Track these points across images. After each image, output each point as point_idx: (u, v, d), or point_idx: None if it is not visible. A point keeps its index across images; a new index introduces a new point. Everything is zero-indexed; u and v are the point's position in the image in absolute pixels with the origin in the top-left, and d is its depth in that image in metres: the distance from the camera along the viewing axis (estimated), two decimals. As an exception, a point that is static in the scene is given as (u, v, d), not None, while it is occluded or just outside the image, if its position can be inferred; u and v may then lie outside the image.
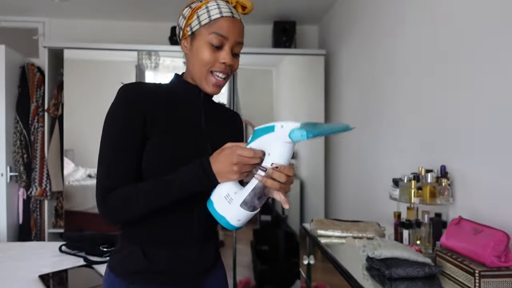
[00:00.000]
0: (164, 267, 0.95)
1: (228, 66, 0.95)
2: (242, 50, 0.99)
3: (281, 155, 0.85)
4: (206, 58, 0.93)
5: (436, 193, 1.41)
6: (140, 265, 0.94)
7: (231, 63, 0.95)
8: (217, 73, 0.95)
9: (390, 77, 2.05)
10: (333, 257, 1.37)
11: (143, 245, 0.95)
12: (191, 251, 0.98)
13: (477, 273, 1.01)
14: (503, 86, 1.23)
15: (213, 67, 0.94)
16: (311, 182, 3.09)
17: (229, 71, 0.96)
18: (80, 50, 2.95)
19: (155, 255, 0.94)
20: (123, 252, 0.97)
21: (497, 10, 1.26)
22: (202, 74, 0.95)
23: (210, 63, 0.93)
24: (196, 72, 0.96)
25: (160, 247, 0.95)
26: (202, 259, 1.00)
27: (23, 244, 2.33)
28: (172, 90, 1.00)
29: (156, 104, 0.94)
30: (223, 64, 0.94)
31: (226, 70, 0.95)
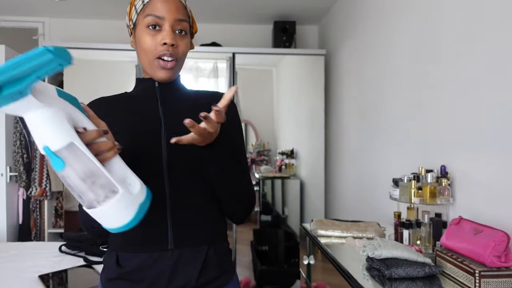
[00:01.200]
0: (137, 275, 0.86)
1: (171, 46, 0.87)
2: (242, 50, 0.98)
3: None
4: (148, 44, 0.87)
5: (436, 193, 1.41)
6: (114, 272, 0.88)
7: (173, 42, 0.87)
8: (163, 58, 0.87)
9: (390, 77, 2.05)
10: (333, 257, 1.37)
11: (118, 251, 0.89)
12: (165, 257, 0.86)
13: (477, 273, 1.01)
14: (503, 86, 1.23)
15: (156, 51, 0.87)
16: (311, 182, 3.09)
17: (176, 53, 0.88)
18: (80, 50, 2.94)
19: (127, 261, 0.87)
20: (104, 258, 0.94)
21: (497, 10, 1.26)
22: (149, 63, 0.89)
23: (152, 48, 0.87)
24: (144, 63, 0.91)
25: (133, 253, 0.87)
26: (183, 269, 0.86)
27: (23, 244, 2.33)
28: (131, 94, 0.97)
29: (110, 113, 0.88)
30: (164, 46, 0.86)
31: (170, 51, 0.87)
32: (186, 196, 0.88)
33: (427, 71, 1.68)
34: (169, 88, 0.95)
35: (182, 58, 0.92)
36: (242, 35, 3.44)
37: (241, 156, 0.97)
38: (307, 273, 1.77)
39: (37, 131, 0.60)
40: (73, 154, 0.61)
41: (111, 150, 0.68)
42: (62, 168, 0.61)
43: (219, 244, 0.93)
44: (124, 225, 0.67)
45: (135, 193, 0.69)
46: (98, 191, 0.64)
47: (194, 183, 0.88)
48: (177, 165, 0.87)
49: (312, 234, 1.66)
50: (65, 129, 0.61)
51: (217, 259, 0.91)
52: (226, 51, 3.00)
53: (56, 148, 0.60)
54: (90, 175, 0.63)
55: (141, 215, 0.69)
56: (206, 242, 0.90)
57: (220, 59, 3.07)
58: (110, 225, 0.68)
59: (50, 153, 0.60)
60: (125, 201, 0.66)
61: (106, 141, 0.68)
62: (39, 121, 0.59)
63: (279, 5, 3.04)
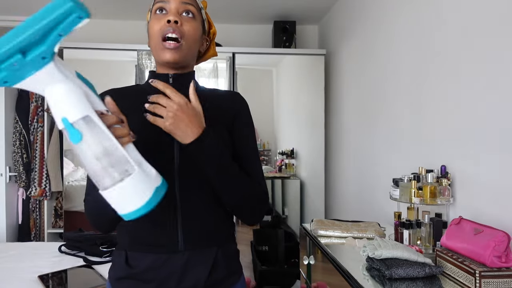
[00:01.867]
0: (147, 275, 0.86)
1: (175, 23, 0.86)
2: (242, 50, 0.98)
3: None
4: (154, 27, 0.88)
5: (436, 193, 1.40)
6: (123, 271, 0.88)
7: (176, 18, 0.86)
8: (167, 36, 0.86)
9: (390, 77, 2.05)
10: (333, 257, 1.36)
11: (127, 250, 0.89)
12: (175, 258, 0.86)
13: (477, 274, 1.01)
14: (503, 86, 1.23)
15: (160, 31, 0.86)
16: (311, 182, 3.09)
17: (180, 31, 0.87)
18: (80, 50, 2.94)
19: (137, 261, 0.87)
20: (113, 257, 0.94)
21: (497, 10, 1.26)
22: (155, 46, 0.88)
23: (157, 29, 0.87)
24: (154, 50, 0.90)
25: (142, 253, 0.87)
26: (192, 270, 0.87)
27: (23, 244, 2.33)
28: (143, 87, 0.95)
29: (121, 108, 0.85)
30: (168, 24, 0.86)
31: (174, 27, 0.86)
32: (196, 199, 0.87)
33: (427, 70, 1.68)
34: (182, 86, 0.91)
35: (190, 40, 0.89)
36: (242, 35, 3.44)
37: (251, 156, 0.95)
38: (307, 273, 1.77)
39: (56, 105, 0.61)
40: (90, 129, 0.62)
41: (127, 136, 0.69)
42: (79, 140, 0.61)
43: (228, 245, 0.94)
44: (139, 208, 0.65)
45: (151, 176, 0.68)
46: (113, 172, 0.63)
47: (203, 185, 0.87)
48: (189, 167, 0.87)
49: (312, 234, 1.66)
50: (83, 102, 0.62)
51: (225, 260, 0.91)
52: (226, 51, 3.00)
53: (74, 119, 0.60)
54: (105, 153, 0.62)
55: (156, 200, 0.68)
56: (215, 244, 0.90)
57: (220, 59, 3.07)
58: (124, 208, 0.65)
59: (68, 124, 0.60)
60: (141, 181, 0.65)
61: (121, 127, 0.69)
62: (60, 93, 0.60)
63: (279, 5, 3.04)
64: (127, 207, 0.65)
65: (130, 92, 0.95)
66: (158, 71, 0.94)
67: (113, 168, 0.63)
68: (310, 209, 3.10)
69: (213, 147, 0.81)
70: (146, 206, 0.66)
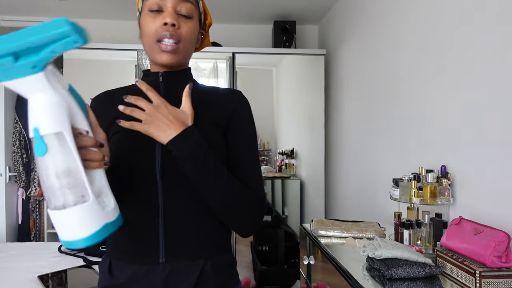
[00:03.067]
0: (128, 286, 0.81)
1: (172, 26, 0.81)
2: (242, 50, 0.95)
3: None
4: (149, 28, 0.82)
5: (436, 193, 1.40)
6: (106, 281, 0.85)
7: (173, 22, 0.81)
8: (163, 40, 0.82)
9: (390, 77, 2.05)
10: (333, 257, 1.36)
11: (111, 258, 0.85)
12: (156, 271, 0.80)
13: (477, 274, 1.01)
14: (504, 86, 1.23)
15: (156, 34, 0.82)
16: (311, 182, 3.09)
17: (177, 35, 0.82)
18: (79, 50, 2.94)
19: (119, 271, 0.83)
20: (99, 264, 0.90)
21: (498, 10, 1.26)
22: (150, 47, 0.84)
23: (152, 30, 0.82)
24: (147, 49, 0.85)
25: (124, 261, 0.83)
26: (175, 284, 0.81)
27: (22, 244, 2.33)
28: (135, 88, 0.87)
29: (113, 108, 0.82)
30: (165, 27, 0.81)
31: (171, 32, 0.81)
32: (181, 206, 0.81)
33: (427, 70, 1.67)
34: (174, 84, 0.88)
35: (187, 42, 0.85)
36: (242, 35, 3.44)
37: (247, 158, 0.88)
38: (307, 273, 1.77)
39: (33, 113, 0.60)
40: (59, 146, 0.61)
41: (98, 161, 0.67)
42: (42, 154, 0.60)
43: (219, 256, 0.86)
44: (81, 239, 0.62)
45: (106, 211, 0.66)
46: (68, 195, 0.61)
47: (190, 192, 0.81)
48: (172, 172, 0.81)
49: (312, 234, 1.66)
50: (61, 118, 0.61)
51: (214, 273, 0.83)
52: (226, 51, 3.00)
53: (45, 132, 0.60)
54: (67, 174, 0.61)
55: (102, 235, 0.64)
56: (202, 256, 0.83)
57: (220, 59, 3.07)
58: (67, 235, 0.62)
59: (38, 136, 0.59)
60: (92, 212, 0.62)
61: (96, 151, 0.67)
62: (41, 104, 0.60)
63: (279, 5, 3.03)
64: (70, 233, 0.62)
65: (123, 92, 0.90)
66: (151, 69, 0.91)
67: (70, 191, 0.61)
68: (310, 209, 3.10)
69: (196, 145, 0.76)
70: (90, 239, 0.63)
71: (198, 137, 0.77)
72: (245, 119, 0.91)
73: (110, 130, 0.86)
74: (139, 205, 0.82)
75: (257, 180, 0.88)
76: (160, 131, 0.75)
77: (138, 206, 0.82)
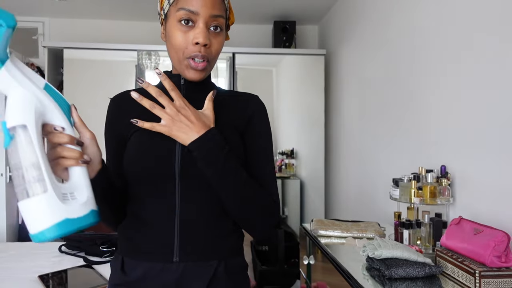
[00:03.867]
0: (141, 284, 0.82)
1: (204, 46, 0.80)
2: (242, 50, 0.94)
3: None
4: (178, 41, 0.80)
5: (436, 193, 1.40)
6: (119, 278, 0.85)
7: (206, 42, 0.79)
8: (194, 59, 0.81)
9: (390, 77, 2.05)
10: (333, 257, 1.36)
11: (124, 255, 0.85)
12: (170, 270, 0.81)
13: (477, 273, 1.01)
14: (504, 86, 1.23)
15: (187, 51, 0.80)
16: (311, 182, 3.09)
17: (208, 54, 0.81)
18: (80, 50, 2.94)
19: (132, 269, 0.83)
20: (111, 262, 0.90)
21: (498, 11, 1.26)
22: (179, 61, 0.83)
23: (182, 46, 0.80)
24: (173, 59, 0.84)
25: (138, 259, 0.83)
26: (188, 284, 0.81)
27: (23, 244, 2.33)
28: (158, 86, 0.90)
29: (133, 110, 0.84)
30: (197, 46, 0.79)
31: (202, 52, 0.80)
32: (198, 207, 0.82)
33: (427, 70, 1.68)
34: (196, 88, 0.88)
35: (216, 59, 0.86)
36: (242, 35, 3.44)
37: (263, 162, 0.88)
38: (307, 273, 1.77)
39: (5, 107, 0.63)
40: (24, 139, 0.62)
41: (74, 159, 0.67)
42: (6, 146, 0.62)
43: (232, 259, 0.86)
44: (39, 232, 0.61)
45: (68, 205, 0.65)
46: (31, 187, 0.62)
47: (207, 194, 0.82)
48: (190, 173, 0.81)
49: (312, 234, 1.66)
50: (26, 111, 0.63)
51: (227, 275, 0.84)
52: (226, 51, 3.00)
53: (11, 125, 0.62)
54: (28, 166, 0.62)
55: (62, 231, 0.63)
56: (216, 257, 0.83)
57: (220, 59, 3.05)
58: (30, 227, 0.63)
59: (4, 128, 0.62)
60: (49, 204, 0.62)
61: (73, 149, 0.67)
62: (9, 98, 0.63)
63: (279, 5, 3.04)
64: (31, 225, 0.62)
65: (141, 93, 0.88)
66: (173, 71, 0.91)
67: (28, 184, 0.62)
68: (310, 209, 3.10)
69: (218, 147, 0.76)
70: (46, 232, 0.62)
71: (221, 140, 0.77)
72: (262, 124, 0.91)
73: (130, 129, 0.86)
74: (156, 204, 0.83)
75: (272, 183, 0.89)
76: (182, 132, 0.75)
77: (154, 205, 0.83)
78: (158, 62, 3.02)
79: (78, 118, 0.72)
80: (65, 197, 0.66)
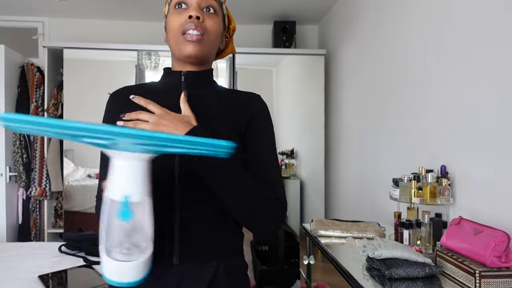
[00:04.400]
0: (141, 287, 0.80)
1: (197, 19, 0.83)
2: (242, 50, 0.95)
3: None
4: (174, 22, 0.85)
5: (436, 193, 1.40)
6: None
7: (198, 14, 0.83)
8: (188, 32, 0.83)
9: (390, 77, 2.05)
10: (333, 257, 1.36)
11: None
12: (170, 273, 0.81)
13: (477, 273, 1.01)
14: (504, 86, 1.23)
15: (181, 27, 0.84)
16: (311, 182, 3.09)
17: (202, 27, 0.84)
18: (79, 50, 2.94)
19: None
20: None
21: (498, 10, 1.26)
22: (175, 41, 0.86)
23: (177, 25, 0.84)
24: (171, 44, 0.87)
25: None
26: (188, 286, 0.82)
27: (23, 244, 2.33)
28: (156, 86, 0.92)
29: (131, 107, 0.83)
30: (190, 19, 0.83)
31: (196, 23, 0.83)
32: (198, 210, 0.82)
33: (427, 70, 1.68)
34: (196, 84, 0.89)
35: (211, 36, 0.86)
36: (242, 35, 3.43)
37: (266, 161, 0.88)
38: (307, 273, 1.77)
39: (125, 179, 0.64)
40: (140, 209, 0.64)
41: None
42: (127, 219, 0.63)
43: (232, 260, 0.87)
44: (133, 281, 0.66)
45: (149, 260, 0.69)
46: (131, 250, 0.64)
47: (207, 197, 0.82)
48: (190, 177, 0.81)
49: (312, 234, 1.66)
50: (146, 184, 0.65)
51: (227, 276, 0.84)
52: (226, 51, 3.00)
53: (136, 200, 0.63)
54: (139, 231, 0.65)
55: (145, 278, 0.69)
56: (215, 259, 0.84)
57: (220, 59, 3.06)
58: (117, 278, 0.65)
59: (126, 203, 0.63)
60: (141, 266, 0.66)
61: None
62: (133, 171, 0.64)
63: (279, 5, 3.04)
64: (120, 277, 0.66)
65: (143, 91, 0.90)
66: (174, 68, 0.91)
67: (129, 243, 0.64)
68: (310, 209, 3.10)
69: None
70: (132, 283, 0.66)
71: (206, 133, 0.77)
72: (264, 124, 0.91)
73: None
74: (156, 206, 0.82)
75: (277, 182, 0.88)
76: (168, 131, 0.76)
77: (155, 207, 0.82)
78: (158, 62, 3.02)
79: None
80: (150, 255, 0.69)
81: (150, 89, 0.91)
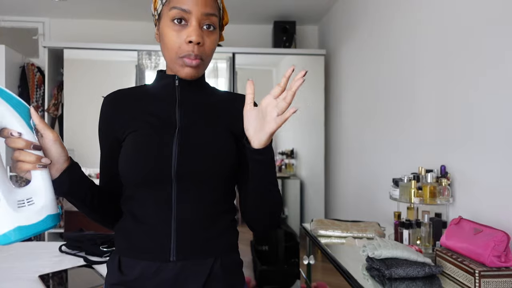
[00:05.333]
0: (138, 284, 0.82)
1: (197, 44, 0.80)
2: (242, 50, 0.94)
3: None
4: (171, 41, 0.81)
5: (436, 193, 1.41)
6: (116, 277, 0.85)
7: (199, 40, 0.79)
8: (188, 57, 0.81)
9: (390, 77, 2.05)
10: (333, 257, 1.37)
11: (121, 255, 0.86)
12: (167, 269, 0.81)
13: (477, 273, 1.01)
14: (503, 86, 1.23)
15: (180, 50, 0.80)
16: (311, 182, 3.09)
17: (201, 52, 0.81)
18: (80, 50, 2.94)
19: (129, 268, 0.83)
20: (108, 261, 0.90)
21: (498, 11, 1.26)
22: (172, 61, 0.83)
23: (176, 46, 0.81)
24: (168, 59, 0.85)
25: (134, 259, 0.83)
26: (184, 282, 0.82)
27: (23, 244, 2.33)
28: (149, 89, 0.91)
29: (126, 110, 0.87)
30: (190, 45, 0.79)
31: (196, 51, 0.80)
32: (194, 207, 0.83)
33: (427, 71, 1.68)
34: (190, 88, 0.88)
35: (210, 57, 0.86)
36: (242, 35, 3.44)
37: None
38: (307, 273, 1.77)
39: None
40: None
41: (31, 163, 0.70)
42: None
43: (228, 256, 0.88)
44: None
45: (22, 212, 0.67)
46: None
47: (203, 194, 0.83)
48: (186, 174, 0.82)
49: (312, 234, 1.66)
50: None
51: (223, 272, 0.85)
52: (226, 51, 3.00)
53: None
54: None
55: (15, 238, 0.66)
56: (212, 255, 0.84)
57: (220, 59, 3.07)
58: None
59: None
60: (0, 214, 0.64)
61: (29, 153, 0.70)
62: None
63: (279, 5, 3.04)
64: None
65: (138, 94, 0.91)
66: (168, 71, 0.90)
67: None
68: (310, 209, 3.10)
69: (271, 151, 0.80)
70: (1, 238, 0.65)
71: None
72: None
73: (125, 129, 0.86)
74: (153, 204, 0.83)
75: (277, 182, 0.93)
76: None
77: (151, 205, 0.83)
78: (158, 62, 3.02)
79: (39, 120, 0.73)
80: (20, 204, 0.67)
81: (143, 92, 0.91)
